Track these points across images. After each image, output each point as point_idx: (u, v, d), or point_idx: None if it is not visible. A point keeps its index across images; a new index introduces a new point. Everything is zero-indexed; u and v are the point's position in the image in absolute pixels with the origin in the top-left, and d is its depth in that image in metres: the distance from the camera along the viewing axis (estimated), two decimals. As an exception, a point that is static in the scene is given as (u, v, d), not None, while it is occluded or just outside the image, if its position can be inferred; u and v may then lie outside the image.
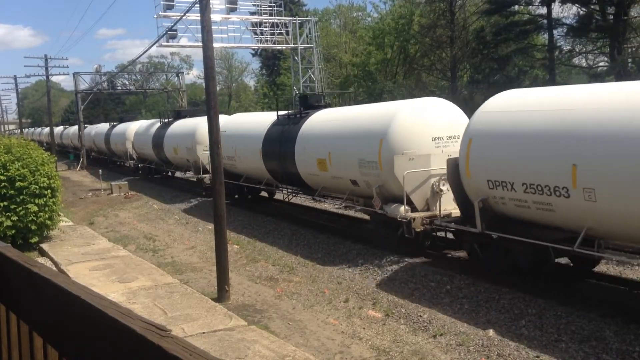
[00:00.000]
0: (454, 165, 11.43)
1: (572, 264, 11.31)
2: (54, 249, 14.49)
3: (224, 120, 22.66)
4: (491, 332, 8.81)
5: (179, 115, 31.10)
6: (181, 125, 28.26)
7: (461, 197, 11.44)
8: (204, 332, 8.33)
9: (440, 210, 12.44)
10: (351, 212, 18.92)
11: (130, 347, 1.32)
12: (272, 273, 12.98)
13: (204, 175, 22.99)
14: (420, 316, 9.71)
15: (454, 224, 11.91)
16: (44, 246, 14.77)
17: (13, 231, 14.13)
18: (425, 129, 13.15)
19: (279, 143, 17.89)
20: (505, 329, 8.92)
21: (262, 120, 20.39)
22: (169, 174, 33.50)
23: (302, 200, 21.07)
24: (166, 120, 31.33)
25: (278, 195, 22.29)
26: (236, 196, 22.08)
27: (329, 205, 20.09)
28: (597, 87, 10.15)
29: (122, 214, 22.94)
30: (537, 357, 7.92)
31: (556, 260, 10.50)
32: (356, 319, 9.89)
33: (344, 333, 9.25)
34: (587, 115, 9.03)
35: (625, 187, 8.29)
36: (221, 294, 11.01)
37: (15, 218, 14.11)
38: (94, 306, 1.51)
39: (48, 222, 14.91)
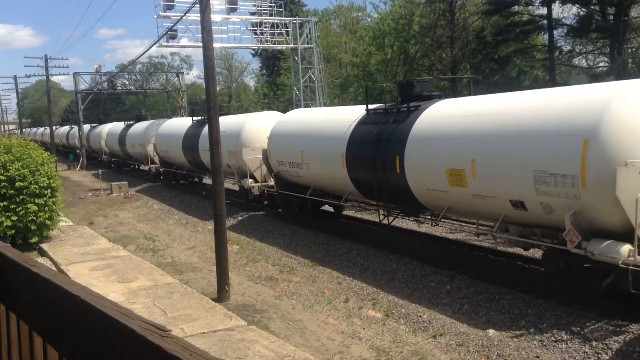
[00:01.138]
0: (265, 153, 10.45)
1: None
2: (54, 249, 14.48)
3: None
4: (491, 332, 8.81)
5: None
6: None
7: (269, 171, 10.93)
8: (203, 332, 8.33)
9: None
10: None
11: (130, 347, 1.32)
12: (272, 273, 12.98)
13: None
14: (420, 316, 9.71)
15: None
16: (44, 246, 14.77)
17: (13, 231, 14.14)
18: (263, 131, 11.94)
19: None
20: (505, 329, 8.92)
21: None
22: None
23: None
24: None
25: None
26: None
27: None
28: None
29: (122, 214, 22.95)
30: (537, 357, 7.93)
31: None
32: (356, 319, 9.89)
33: (343, 333, 9.25)
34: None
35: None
36: (221, 294, 11.02)
37: (15, 218, 14.11)
38: (94, 306, 1.51)
39: (48, 222, 14.91)
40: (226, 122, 21.09)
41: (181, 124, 28.65)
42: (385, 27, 43.06)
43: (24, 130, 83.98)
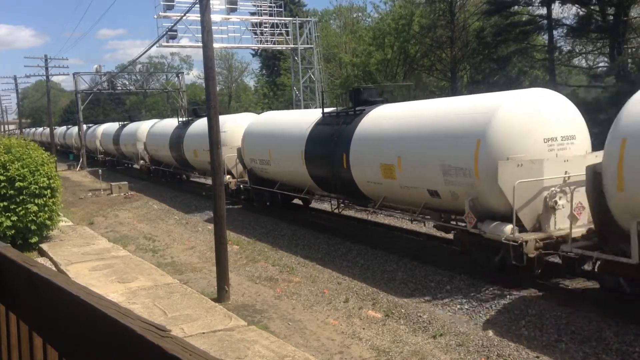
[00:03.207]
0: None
1: None
2: (54, 249, 14.49)
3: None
4: (491, 332, 8.81)
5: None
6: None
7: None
8: (203, 332, 8.33)
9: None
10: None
11: (130, 347, 1.32)
12: (272, 273, 12.98)
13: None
14: (420, 316, 9.71)
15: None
16: (44, 246, 14.77)
17: (13, 231, 14.14)
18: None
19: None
20: (505, 329, 8.92)
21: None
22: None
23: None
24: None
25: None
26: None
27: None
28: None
29: (121, 214, 22.95)
30: (537, 357, 7.92)
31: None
32: (356, 319, 9.89)
33: (343, 333, 9.25)
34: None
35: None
36: (221, 294, 11.02)
37: (15, 218, 14.11)
38: (93, 306, 1.51)
39: (48, 222, 14.91)
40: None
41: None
42: (385, 27, 43.08)
43: (23, 130, 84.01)
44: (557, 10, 30.18)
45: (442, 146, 11.50)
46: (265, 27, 37.02)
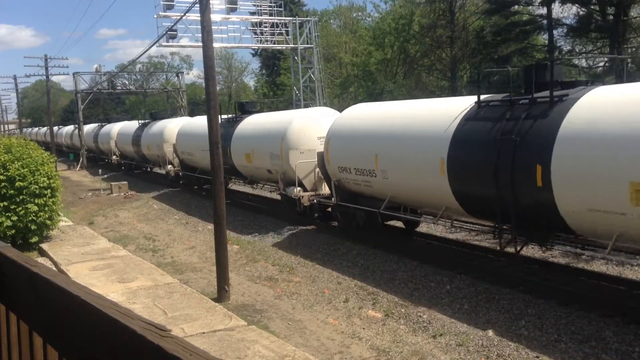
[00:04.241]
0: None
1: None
2: (54, 249, 14.48)
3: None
4: (491, 332, 8.81)
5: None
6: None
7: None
8: (203, 332, 8.32)
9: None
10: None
11: (130, 347, 1.32)
12: (271, 273, 12.98)
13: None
14: (420, 316, 9.71)
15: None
16: (44, 246, 14.76)
17: (13, 231, 14.12)
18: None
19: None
20: (505, 329, 8.92)
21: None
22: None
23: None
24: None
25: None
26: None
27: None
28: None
29: (121, 214, 22.95)
30: (537, 357, 7.92)
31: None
32: (356, 319, 9.89)
33: (343, 333, 9.25)
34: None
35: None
36: (221, 294, 11.02)
37: (15, 218, 14.09)
38: (93, 306, 1.51)
39: (48, 222, 14.90)
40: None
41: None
42: (385, 26, 43.08)
43: (23, 130, 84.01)
44: (557, 10, 30.22)
45: (269, 142, 18.52)
46: (265, 27, 37.01)
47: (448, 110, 12.14)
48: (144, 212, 23.03)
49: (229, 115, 23.16)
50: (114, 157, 39.94)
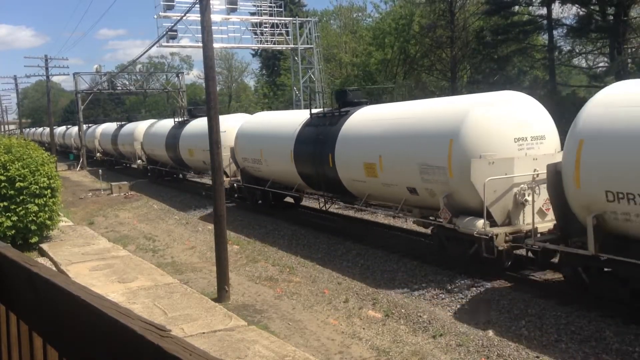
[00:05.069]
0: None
1: None
2: (54, 249, 14.48)
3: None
4: (491, 332, 8.81)
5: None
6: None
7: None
8: (203, 332, 8.32)
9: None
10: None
11: (130, 347, 1.32)
12: (272, 273, 12.98)
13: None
14: (420, 316, 9.71)
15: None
16: (44, 246, 14.76)
17: (13, 231, 14.12)
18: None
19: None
20: (505, 329, 8.92)
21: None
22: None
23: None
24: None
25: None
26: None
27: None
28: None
29: (122, 214, 22.95)
30: (537, 357, 7.92)
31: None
32: (356, 319, 9.89)
33: (343, 333, 9.25)
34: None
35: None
36: (221, 294, 11.02)
37: (15, 218, 14.10)
38: (93, 306, 1.51)
39: (48, 222, 14.90)
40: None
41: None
42: (386, 27, 43.08)
43: (23, 130, 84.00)
44: (557, 10, 30.19)
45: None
46: (265, 27, 37.01)
47: (296, 119, 17.95)
48: (144, 212, 23.03)
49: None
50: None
